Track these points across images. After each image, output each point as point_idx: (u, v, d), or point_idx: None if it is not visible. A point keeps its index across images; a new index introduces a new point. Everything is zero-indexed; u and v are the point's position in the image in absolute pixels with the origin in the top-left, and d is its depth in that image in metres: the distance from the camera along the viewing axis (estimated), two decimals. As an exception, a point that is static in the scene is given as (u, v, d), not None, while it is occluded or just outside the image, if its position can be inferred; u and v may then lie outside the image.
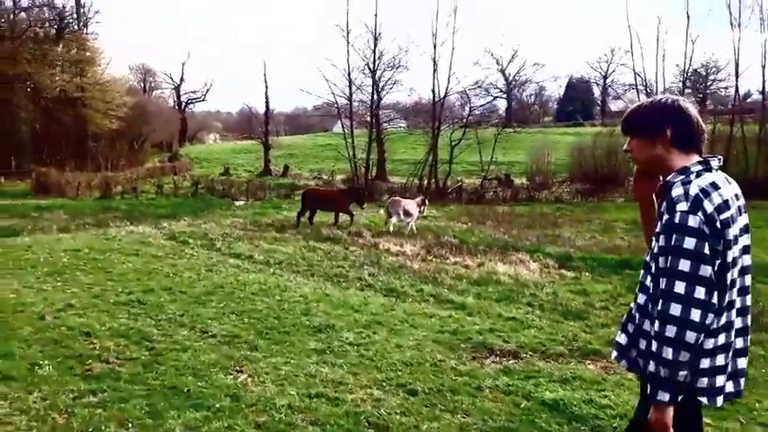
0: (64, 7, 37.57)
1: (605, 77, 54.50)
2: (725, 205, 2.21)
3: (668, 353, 2.15)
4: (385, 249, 12.33)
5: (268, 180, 37.30)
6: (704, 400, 2.32)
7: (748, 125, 27.88)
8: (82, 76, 35.27)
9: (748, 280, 2.38)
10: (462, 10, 43.33)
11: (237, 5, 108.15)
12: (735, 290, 2.30)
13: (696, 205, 2.16)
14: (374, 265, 10.39)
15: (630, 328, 2.48)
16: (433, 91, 30.18)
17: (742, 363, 2.39)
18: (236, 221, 16.56)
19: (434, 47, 30.54)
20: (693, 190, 2.19)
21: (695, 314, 2.12)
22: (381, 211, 22.29)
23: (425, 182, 28.96)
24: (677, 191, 2.21)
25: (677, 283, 2.14)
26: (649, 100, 2.46)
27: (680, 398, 2.23)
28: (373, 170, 33.19)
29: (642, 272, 2.45)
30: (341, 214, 16.80)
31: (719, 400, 2.34)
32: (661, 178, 2.41)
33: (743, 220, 2.33)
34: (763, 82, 28.11)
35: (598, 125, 45.71)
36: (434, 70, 30.01)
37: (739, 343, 2.37)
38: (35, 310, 6.36)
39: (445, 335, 6.34)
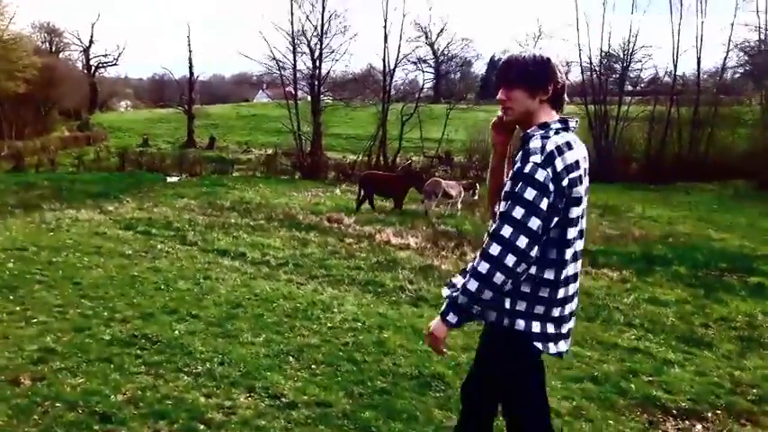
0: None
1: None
2: (575, 165, 2.22)
3: (473, 285, 2.18)
4: (384, 241, 10.47)
5: (193, 153, 34.18)
6: (539, 345, 2.30)
7: (685, 107, 27.67)
8: (-19, 32, 30.44)
9: (580, 245, 2.35)
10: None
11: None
12: (575, 248, 2.30)
13: (548, 161, 2.16)
14: (393, 264, 8.52)
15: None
16: (384, 60, 27.67)
17: (570, 324, 2.39)
18: (189, 204, 14.14)
19: (385, 10, 27.79)
20: (550, 146, 2.19)
21: (510, 259, 2.13)
22: (337, 191, 20.44)
23: (374, 159, 26.89)
24: (535, 143, 2.20)
25: (505, 227, 2.14)
26: (531, 53, 2.36)
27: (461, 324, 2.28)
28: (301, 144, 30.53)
29: (491, 222, 2.33)
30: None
31: (551, 348, 2.32)
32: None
33: (586, 183, 2.32)
34: (698, 64, 27.99)
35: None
36: (385, 37, 27.38)
37: (574, 304, 2.39)
38: (-1, 364, 4.11)
39: (585, 383, 4.62)
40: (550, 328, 2.30)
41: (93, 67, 55.51)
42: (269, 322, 5.50)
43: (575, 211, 2.23)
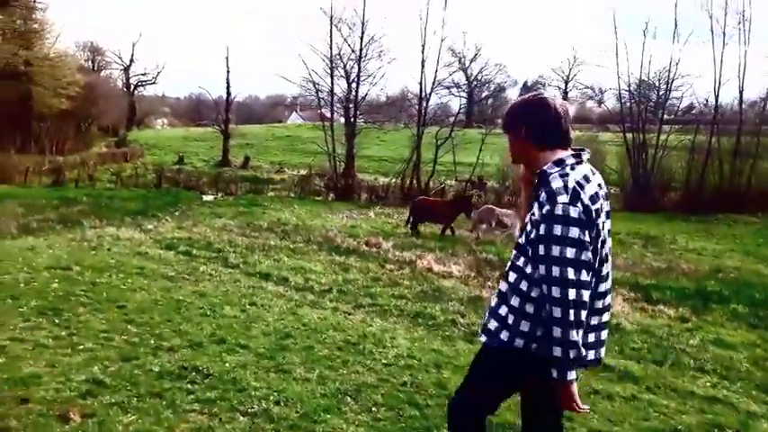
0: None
1: (566, 81, 53.71)
2: (596, 196, 2.32)
3: (573, 335, 2.21)
4: (426, 268, 10.13)
5: (228, 172, 34.32)
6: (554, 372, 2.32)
7: (726, 136, 26.90)
8: (28, 49, 31.02)
9: (606, 268, 2.44)
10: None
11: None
12: (601, 273, 2.41)
13: (575, 197, 2.24)
14: (439, 294, 8.18)
15: (504, 310, 2.47)
16: (421, 84, 27.44)
17: (603, 334, 2.54)
18: (227, 224, 13.98)
19: (423, 34, 27.54)
20: (571, 183, 2.26)
21: (586, 295, 2.22)
22: (371, 214, 20.19)
23: (407, 182, 26.57)
24: (557, 183, 2.27)
25: (567, 269, 2.19)
26: (517, 99, 2.63)
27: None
28: (339, 166, 30.43)
29: (514, 253, 2.49)
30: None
31: (590, 355, 2.46)
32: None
33: (606, 207, 2.41)
34: (741, 94, 27.26)
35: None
36: (422, 62, 27.11)
37: (605, 317, 2.52)
38: (44, 397, 3.86)
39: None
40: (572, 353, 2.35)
41: (132, 86, 56.52)
42: (321, 355, 5.20)
43: (599, 241, 2.34)
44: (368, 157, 37.47)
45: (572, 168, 2.34)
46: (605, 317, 2.53)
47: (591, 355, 2.48)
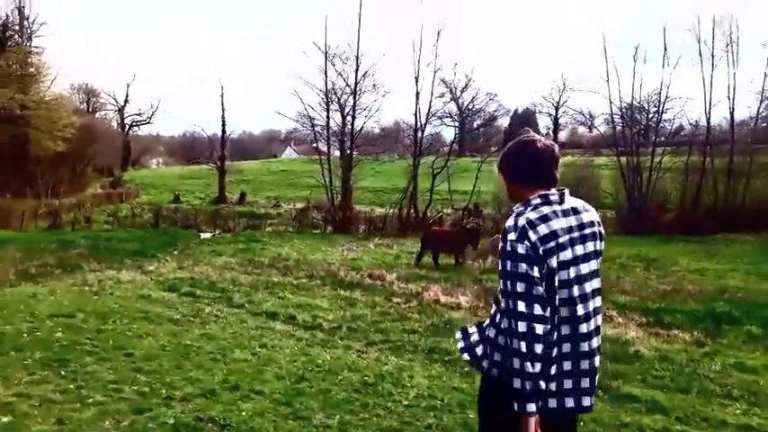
0: (7, 17, 33.28)
1: (557, 108, 54.13)
2: (551, 235, 2.35)
3: (528, 366, 2.25)
4: (434, 300, 9.94)
5: (224, 208, 34.16)
6: (552, 403, 2.38)
7: (719, 157, 27.02)
8: (25, 93, 30.98)
9: (596, 302, 2.48)
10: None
11: (186, 26, 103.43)
12: (572, 309, 2.39)
13: (522, 235, 2.33)
14: (450, 327, 7.94)
15: (483, 332, 2.58)
16: (416, 115, 27.51)
17: (585, 382, 2.44)
18: (228, 262, 13.77)
19: (417, 66, 27.73)
20: (521, 222, 2.36)
21: (539, 328, 2.25)
22: (371, 245, 20.00)
23: (404, 212, 26.46)
24: (510, 222, 2.41)
25: (518, 302, 2.27)
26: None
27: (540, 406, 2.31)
28: (336, 198, 30.28)
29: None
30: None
31: (569, 402, 2.42)
32: None
33: (581, 249, 2.42)
34: (731, 115, 27.46)
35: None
36: (417, 93, 27.26)
37: (596, 361, 2.46)
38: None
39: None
40: (551, 386, 2.38)
41: (127, 126, 56.61)
42: (339, 399, 4.99)
43: (557, 279, 2.35)
44: (363, 189, 37.39)
45: (534, 208, 2.42)
46: (595, 362, 2.48)
47: (570, 402, 2.44)
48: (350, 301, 9.54)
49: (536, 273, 2.29)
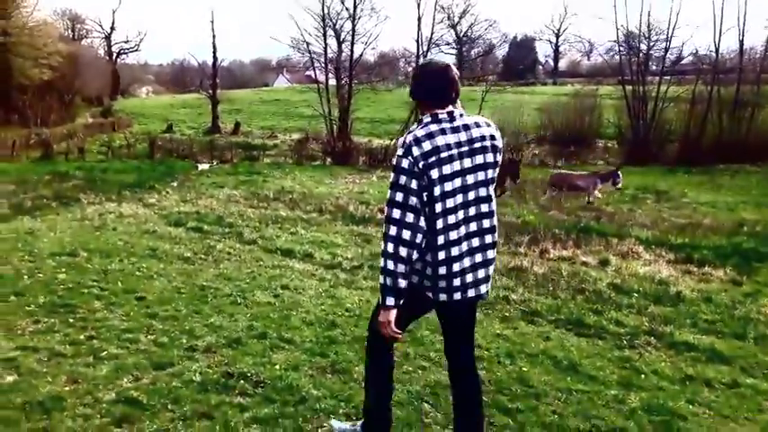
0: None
1: (557, 35, 52.37)
2: (433, 151, 2.56)
3: (390, 264, 2.57)
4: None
5: (219, 139, 33.17)
6: (430, 294, 2.70)
7: (726, 86, 26.12)
8: (5, 18, 29.25)
9: (481, 208, 2.70)
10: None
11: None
12: (457, 216, 2.63)
13: (407, 151, 2.56)
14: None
15: None
16: (418, 41, 26.27)
17: (481, 273, 2.75)
18: (232, 194, 13.16)
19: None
20: (408, 139, 2.59)
21: (406, 234, 2.54)
22: (374, 178, 19.36)
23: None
24: (401, 138, 2.67)
25: (393, 209, 2.57)
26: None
27: (401, 301, 2.61)
28: (332, 129, 29.23)
29: None
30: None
31: (442, 297, 2.70)
32: None
33: (468, 162, 2.64)
34: (741, 44, 26.43)
35: (549, 83, 43.44)
36: (419, 18, 25.91)
37: (478, 257, 2.72)
38: (72, 428, 3.14)
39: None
40: (441, 283, 2.67)
41: (114, 54, 54.47)
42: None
43: (439, 189, 2.57)
44: (359, 119, 36.27)
45: (424, 126, 2.63)
46: (488, 255, 2.76)
47: (471, 292, 2.74)
48: (365, 237, 9.01)
49: (414, 185, 2.54)
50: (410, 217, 2.54)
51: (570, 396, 3.91)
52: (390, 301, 2.60)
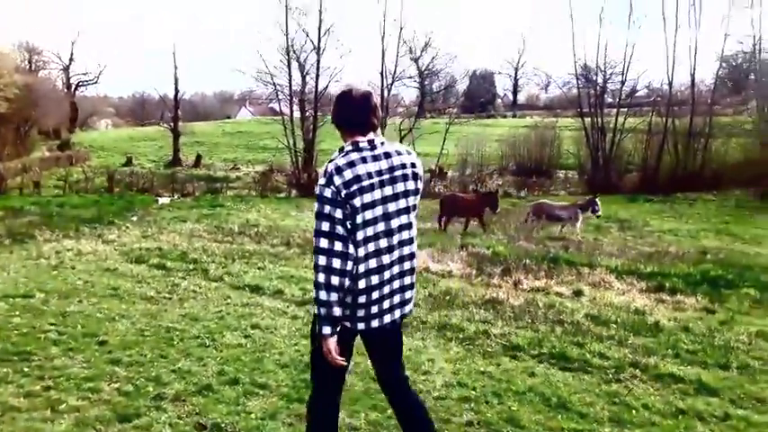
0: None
1: (516, 69, 53.47)
2: (354, 179, 2.56)
3: (322, 295, 2.55)
4: (423, 269, 9.25)
5: (181, 172, 32.63)
6: (347, 324, 2.66)
7: (680, 117, 26.95)
8: (-41, 50, 28.41)
9: (402, 236, 2.71)
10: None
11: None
12: (378, 243, 2.63)
13: (329, 180, 2.56)
14: (451, 298, 7.31)
15: None
16: (382, 74, 26.41)
17: (397, 299, 2.75)
18: (195, 229, 12.80)
19: (383, 23, 26.36)
20: (330, 168, 2.59)
21: (336, 262, 2.53)
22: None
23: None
24: (323, 167, 2.65)
25: (321, 239, 2.55)
26: None
27: (338, 329, 2.61)
28: (298, 161, 29.04)
29: None
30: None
31: (360, 326, 2.69)
32: None
33: (389, 190, 2.67)
34: (692, 76, 27.34)
35: (509, 116, 44.17)
36: (383, 51, 26.10)
37: (396, 284, 2.74)
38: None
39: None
40: (360, 312, 2.66)
41: (73, 86, 53.41)
42: (359, 392, 4.26)
43: (361, 218, 2.57)
44: (323, 151, 36.18)
45: (345, 155, 2.62)
46: (405, 281, 2.78)
47: (387, 318, 2.73)
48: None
49: (338, 214, 2.53)
50: (338, 245, 2.53)
51: (563, 437, 3.73)
52: (327, 330, 2.60)
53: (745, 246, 13.85)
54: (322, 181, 2.58)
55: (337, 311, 2.58)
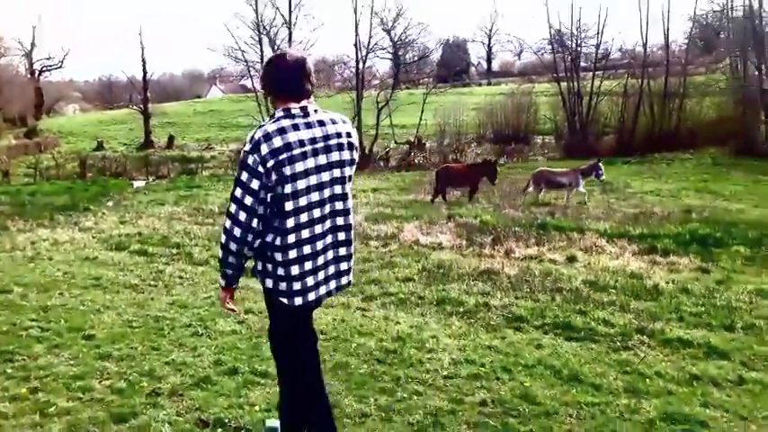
0: None
1: (489, 37, 53.01)
2: (284, 148, 2.47)
3: (220, 254, 2.65)
4: (413, 241, 9.07)
5: (154, 154, 31.90)
6: (285, 300, 2.64)
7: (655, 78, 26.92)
8: None
9: (336, 206, 2.66)
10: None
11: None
12: (311, 214, 2.58)
13: (255, 148, 2.48)
14: (446, 271, 7.13)
15: None
16: (356, 46, 25.83)
17: (331, 270, 2.73)
18: (174, 212, 12.43)
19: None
20: (258, 135, 2.50)
21: (236, 231, 2.54)
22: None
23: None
24: (250, 133, 2.56)
25: (232, 204, 2.55)
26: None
27: (232, 285, 2.76)
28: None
29: None
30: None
31: (297, 301, 2.65)
32: None
33: (323, 159, 2.58)
34: (666, 37, 27.29)
35: (484, 84, 43.87)
36: (356, 23, 25.48)
37: (330, 255, 2.70)
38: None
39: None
40: (295, 285, 2.62)
41: (37, 72, 51.70)
42: (362, 375, 4.07)
43: (291, 187, 2.50)
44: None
45: (276, 121, 2.53)
46: (340, 251, 2.74)
47: (323, 289, 2.73)
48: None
49: (254, 185, 2.48)
50: (242, 215, 2.51)
51: (581, 410, 3.59)
52: (223, 282, 2.74)
53: (727, 203, 13.87)
54: (247, 147, 2.49)
55: (230, 272, 2.68)
